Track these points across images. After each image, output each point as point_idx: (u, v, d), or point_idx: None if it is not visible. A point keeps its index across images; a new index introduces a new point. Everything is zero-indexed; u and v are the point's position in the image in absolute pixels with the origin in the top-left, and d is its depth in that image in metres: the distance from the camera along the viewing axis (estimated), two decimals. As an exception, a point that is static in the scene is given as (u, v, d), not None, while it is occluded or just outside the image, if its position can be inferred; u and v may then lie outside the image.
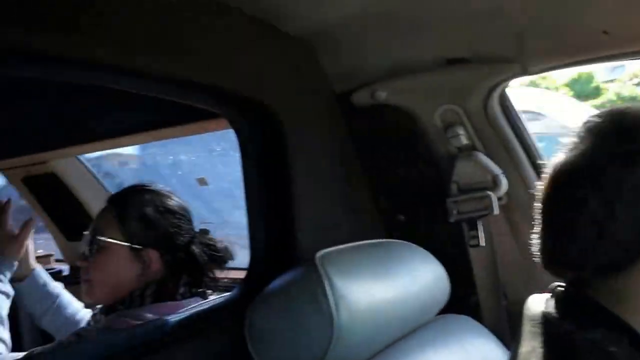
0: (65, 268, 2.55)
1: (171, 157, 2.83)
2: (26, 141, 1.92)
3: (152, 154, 3.15)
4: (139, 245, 1.17)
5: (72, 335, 1.11)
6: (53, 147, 1.92)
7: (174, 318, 0.91)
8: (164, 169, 2.99)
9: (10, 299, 1.27)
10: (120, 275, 1.18)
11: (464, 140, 1.26)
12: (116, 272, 1.19)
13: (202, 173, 2.39)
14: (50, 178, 2.17)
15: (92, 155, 2.26)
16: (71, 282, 2.53)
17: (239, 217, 1.20)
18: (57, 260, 2.74)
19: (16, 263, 1.31)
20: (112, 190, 2.31)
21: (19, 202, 2.39)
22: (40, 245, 2.90)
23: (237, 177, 1.12)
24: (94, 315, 1.23)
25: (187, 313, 0.95)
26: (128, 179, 2.52)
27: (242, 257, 1.33)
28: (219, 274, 1.25)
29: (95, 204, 2.22)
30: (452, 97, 1.24)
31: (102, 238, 1.19)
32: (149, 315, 1.10)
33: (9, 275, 1.29)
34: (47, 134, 1.83)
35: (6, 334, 1.22)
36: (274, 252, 1.05)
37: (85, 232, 1.22)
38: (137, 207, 1.20)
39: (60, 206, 2.31)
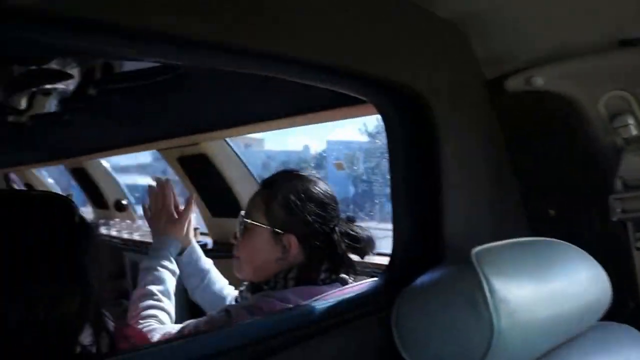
0: (209, 242, 2.75)
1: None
2: (182, 124, 2.08)
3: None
4: (280, 229, 1.22)
5: (221, 311, 1.17)
6: (205, 130, 2.05)
7: (319, 305, 0.92)
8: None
9: (176, 276, 1.39)
10: (263, 257, 1.24)
11: (634, 131, 1.13)
12: (259, 253, 1.25)
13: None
14: (201, 158, 2.33)
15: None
16: (214, 256, 2.73)
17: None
18: (202, 234, 2.96)
19: (180, 242, 1.43)
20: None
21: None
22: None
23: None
24: (240, 292, 1.31)
25: (331, 301, 0.96)
26: (254, 161, 2.62)
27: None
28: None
29: (239, 184, 2.36)
30: (621, 83, 1.11)
31: (248, 220, 1.27)
32: (293, 298, 1.13)
33: (174, 254, 1.41)
34: (200, 117, 1.97)
35: (172, 308, 1.33)
36: (420, 242, 1.03)
37: (242, 212, 1.29)
38: (282, 192, 1.24)
39: (207, 184, 2.48)
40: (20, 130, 2.50)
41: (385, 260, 1.70)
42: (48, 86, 1.86)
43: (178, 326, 1.23)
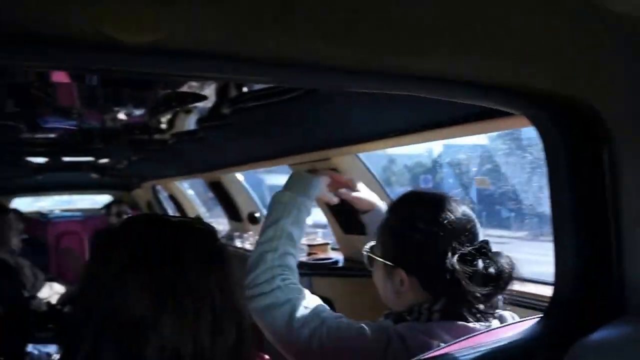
0: (340, 258, 2.69)
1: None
2: (313, 139, 2.04)
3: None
4: (391, 262, 1.09)
5: (380, 331, 1.06)
6: (337, 144, 1.99)
7: (475, 352, 0.79)
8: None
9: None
10: (385, 291, 1.13)
11: None
12: (381, 286, 1.14)
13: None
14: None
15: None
16: (344, 274, 2.67)
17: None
18: (333, 249, 2.92)
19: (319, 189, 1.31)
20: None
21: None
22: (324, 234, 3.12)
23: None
24: (386, 317, 1.18)
25: (482, 349, 0.82)
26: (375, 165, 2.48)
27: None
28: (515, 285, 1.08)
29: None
30: None
31: (366, 251, 1.16)
32: (440, 333, 1.01)
33: (313, 196, 1.28)
34: (332, 132, 1.91)
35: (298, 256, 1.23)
36: (591, 283, 0.85)
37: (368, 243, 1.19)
38: (393, 219, 1.12)
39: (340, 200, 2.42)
40: (163, 146, 2.65)
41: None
42: (189, 105, 1.93)
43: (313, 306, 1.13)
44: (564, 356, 0.72)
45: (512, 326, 1.02)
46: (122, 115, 2.15)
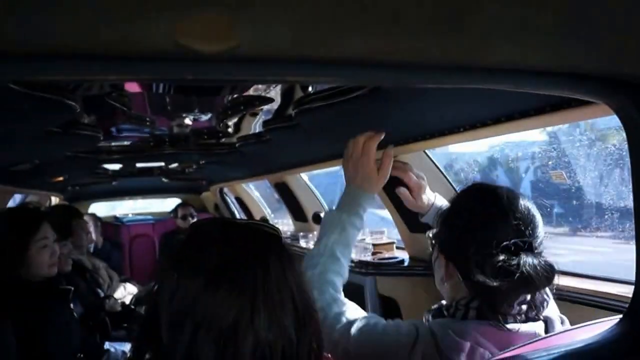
0: (406, 257, 2.66)
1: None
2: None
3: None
4: (443, 252, 1.11)
5: (411, 325, 1.08)
6: (402, 142, 1.97)
7: (548, 355, 0.75)
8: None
9: (360, 231, 1.34)
10: (437, 278, 1.15)
11: None
12: (439, 278, 1.15)
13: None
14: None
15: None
16: (409, 273, 2.64)
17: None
18: (399, 248, 2.89)
19: (373, 198, 1.37)
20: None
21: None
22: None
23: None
24: (428, 311, 1.19)
25: (558, 351, 0.78)
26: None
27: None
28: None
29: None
30: None
31: (428, 235, 1.20)
32: (474, 335, 0.99)
33: (367, 209, 1.35)
34: (397, 130, 1.89)
35: (345, 269, 1.29)
36: None
37: None
38: (450, 210, 1.13)
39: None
40: (230, 149, 2.71)
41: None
42: (255, 109, 1.97)
43: (355, 313, 1.17)
44: None
45: (584, 328, 0.97)
46: (190, 121, 2.23)
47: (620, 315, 0.88)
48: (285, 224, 4.41)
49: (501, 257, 0.97)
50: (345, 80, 0.93)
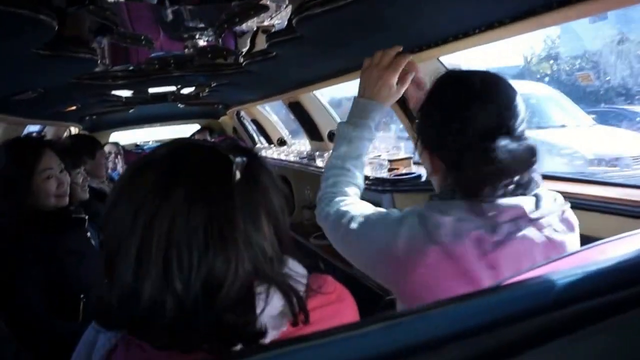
0: (423, 173, 2.60)
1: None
2: (390, 44, 1.89)
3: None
4: (423, 142, 1.11)
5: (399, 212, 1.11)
6: (416, 47, 1.84)
7: (582, 272, 0.66)
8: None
9: (372, 142, 1.34)
10: (430, 174, 1.16)
11: None
12: (427, 170, 1.17)
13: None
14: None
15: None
16: (427, 189, 2.57)
17: None
18: (415, 163, 2.82)
19: (385, 108, 1.34)
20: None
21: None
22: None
23: None
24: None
25: (597, 268, 0.68)
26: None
27: None
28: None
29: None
30: None
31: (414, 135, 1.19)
32: (456, 211, 1.00)
33: (378, 120, 1.33)
34: (411, 34, 1.76)
35: (361, 179, 1.31)
36: None
37: None
38: (426, 101, 1.11)
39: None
40: (239, 69, 2.61)
41: None
42: (267, 24, 1.86)
43: (360, 208, 1.18)
44: None
45: (619, 241, 0.89)
46: (191, 39, 2.12)
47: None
48: (302, 144, 4.35)
49: (478, 144, 0.97)
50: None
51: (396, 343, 0.45)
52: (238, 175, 0.73)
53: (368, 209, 1.17)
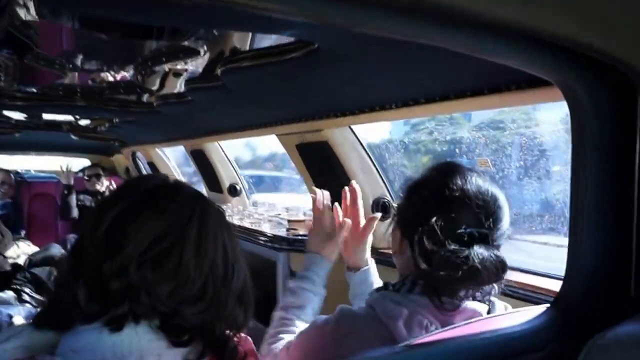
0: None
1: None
2: (306, 107, 1.97)
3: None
4: (399, 225, 1.08)
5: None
6: (328, 115, 1.93)
7: (478, 338, 0.74)
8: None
9: (321, 298, 1.27)
10: (397, 256, 1.10)
11: None
12: (395, 252, 1.11)
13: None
14: (322, 146, 2.21)
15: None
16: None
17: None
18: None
19: (330, 262, 1.29)
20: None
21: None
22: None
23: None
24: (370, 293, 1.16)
25: (490, 335, 0.77)
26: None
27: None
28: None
29: (360, 176, 2.22)
30: None
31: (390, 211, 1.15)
32: (412, 305, 0.98)
33: (323, 275, 1.28)
34: (325, 101, 1.85)
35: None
36: (609, 272, 0.80)
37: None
38: (412, 187, 1.08)
39: (324, 173, 2.37)
40: (149, 109, 2.56)
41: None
42: (180, 67, 1.85)
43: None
44: (582, 348, 0.68)
45: (510, 315, 0.98)
46: (107, 72, 2.07)
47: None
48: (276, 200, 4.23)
49: (451, 247, 0.94)
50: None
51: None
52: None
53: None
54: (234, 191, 3.68)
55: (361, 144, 2.20)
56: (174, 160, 4.91)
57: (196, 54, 1.54)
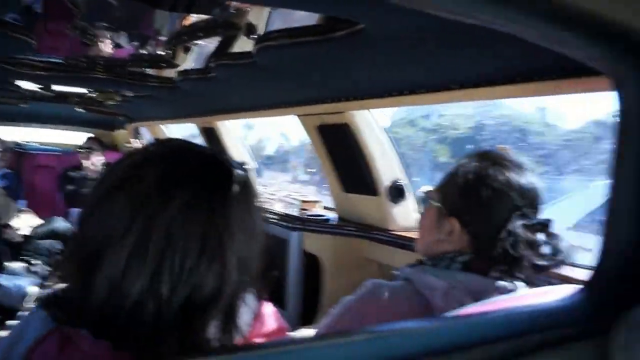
0: (334, 217, 2.69)
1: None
2: (327, 89, 1.99)
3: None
4: (448, 210, 1.12)
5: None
6: (350, 97, 1.96)
7: (509, 314, 0.78)
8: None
9: None
10: (429, 236, 1.16)
11: None
12: (426, 231, 1.18)
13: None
14: (343, 128, 2.24)
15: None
16: (335, 232, 2.65)
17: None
18: (326, 208, 2.90)
19: None
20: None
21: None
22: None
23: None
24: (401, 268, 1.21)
25: (520, 311, 0.80)
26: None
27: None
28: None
29: (379, 159, 2.26)
30: None
31: (423, 193, 1.19)
32: (451, 279, 1.04)
33: None
34: (347, 84, 1.86)
35: None
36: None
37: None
38: (461, 171, 1.13)
39: (343, 155, 2.40)
40: (168, 84, 2.57)
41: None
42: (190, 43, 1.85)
43: None
44: (611, 327, 0.71)
45: (542, 293, 1.02)
46: (130, 44, 2.08)
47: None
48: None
49: (529, 231, 1.03)
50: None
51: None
52: (237, 188, 0.73)
53: None
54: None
55: (380, 127, 2.23)
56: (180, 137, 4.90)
57: (236, 29, 1.55)
